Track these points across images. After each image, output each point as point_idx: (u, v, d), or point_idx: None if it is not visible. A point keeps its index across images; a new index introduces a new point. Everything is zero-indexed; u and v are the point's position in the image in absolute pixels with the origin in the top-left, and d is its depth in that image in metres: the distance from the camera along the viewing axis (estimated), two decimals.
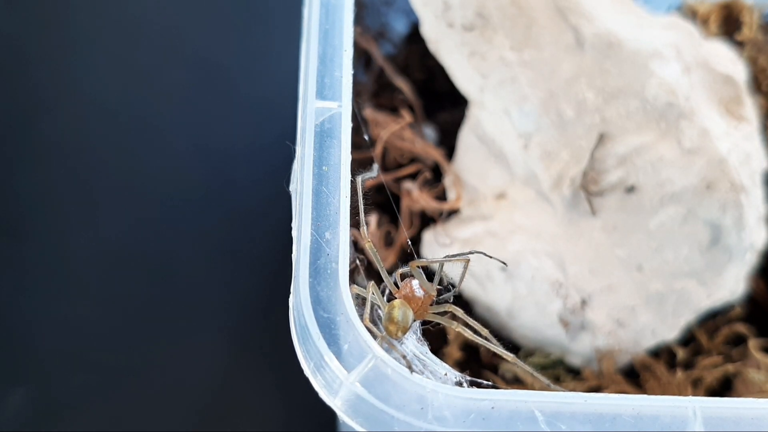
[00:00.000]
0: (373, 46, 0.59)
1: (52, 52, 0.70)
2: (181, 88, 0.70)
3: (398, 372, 0.35)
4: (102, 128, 0.68)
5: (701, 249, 0.51)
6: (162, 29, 0.73)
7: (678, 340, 0.53)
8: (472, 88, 0.53)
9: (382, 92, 0.59)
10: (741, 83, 0.54)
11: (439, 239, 0.52)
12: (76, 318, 0.61)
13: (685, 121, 0.51)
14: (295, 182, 0.40)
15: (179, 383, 0.60)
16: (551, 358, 0.52)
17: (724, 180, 0.50)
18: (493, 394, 0.35)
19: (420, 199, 0.53)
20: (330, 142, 0.40)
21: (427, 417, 0.34)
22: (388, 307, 0.39)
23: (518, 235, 0.52)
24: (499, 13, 0.52)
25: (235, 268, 0.64)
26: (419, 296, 0.40)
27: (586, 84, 0.51)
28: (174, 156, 0.68)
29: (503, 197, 0.53)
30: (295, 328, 0.36)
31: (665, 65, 0.52)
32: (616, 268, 0.51)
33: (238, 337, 0.62)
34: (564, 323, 0.51)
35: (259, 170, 0.67)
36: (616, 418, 0.35)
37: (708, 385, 0.52)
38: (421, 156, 0.55)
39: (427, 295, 0.40)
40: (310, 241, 0.37)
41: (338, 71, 0.42)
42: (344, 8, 0.44)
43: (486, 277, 0.51)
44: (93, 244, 0.63)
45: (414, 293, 0.40)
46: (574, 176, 0.50)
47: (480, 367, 0.51)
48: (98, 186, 0.66)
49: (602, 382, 0.51)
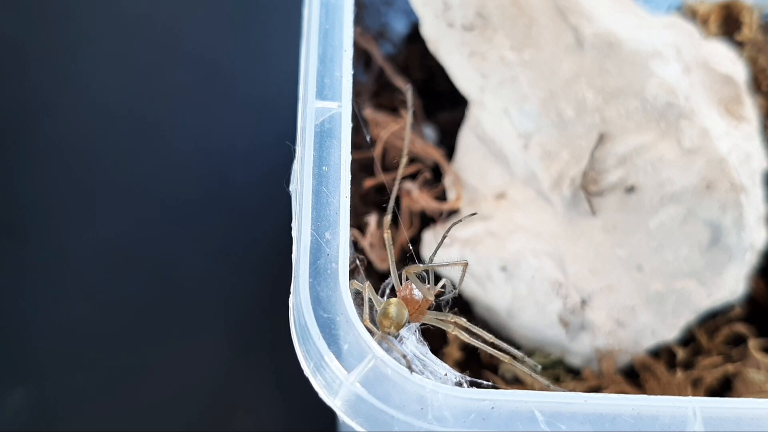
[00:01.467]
0: (373, 46, 0.59)
1: (52, 52, 0.70)
2: (181, 88, 0.70)
3: (398, 372, 0.35)
4: (102, 128, 0.68)
5: (701, 249, 0.51)
6: (162, 29, 0.73)
7: (678, 340, 0.53)
8: (472, 88, 0.53)
9: (382, 92, 0.59)
10: (741, 83, 0.54)
11: (439, 239, 0.52)
12: (76, 318, 0.61)
13: (685, 121, 0.51)
14: (295, 182, 0.40)
15: (179, 383, 0.60)
16: (551, 358, 0.52)
17: (724, 180, 0.50)
18: (493, 394, 0.35)
19: (420, 199, 0.53)
20: (330, 142, 0.40)
21: (427, 417, 0.34)
22: (384, 303, 0.39)
23: (518, 235, 0.52)
24: (499, 13, 0.52)
25: (235, 268, 0.64)
26: (417, 299, 0.40)
27: (586, 84, 0.51)
28: (174, 156, 0.68)
29: (503, 197, 0.53)
30: (295, 328, 0.36)
31: (665, 65, 0.52)
32: (616, 268, 0.51)
33: (238, 337, 0.62)
34: (564, 323, 0.51)
35: (259, 170, 0.67)
36: (616, 418, 0.35)
37: (708, 385, 0.52)
38: (421, 156, 0.55)
39: (425, 300, 0.40)
40: (310, 241, 0.37)
41: (338, 71, 0.42)
42: (344, 8, 0.44)
43: (486, 277, 0.51)
44: (93, 244, 0.63)
45: (413, 296, 0.40)
46: (574, 176, 0.50)
47: (480, 367, 0.51)
48: (98, 186, 0.66)
49: (602, 382, 0.51)
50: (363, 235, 0.51)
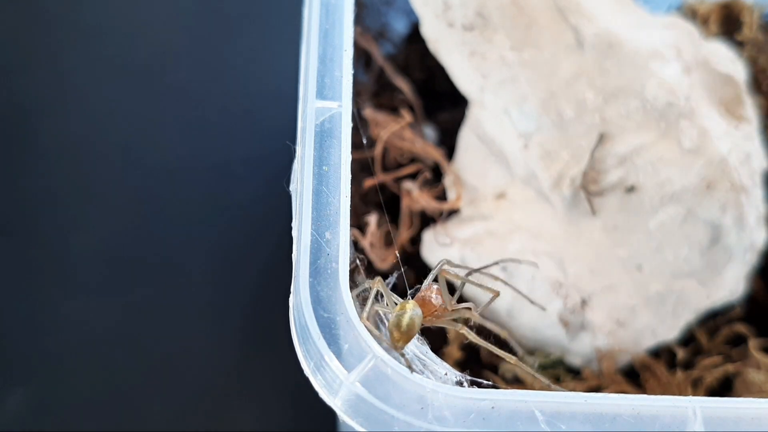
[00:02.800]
0: (373, 46, 0.59)
1: (52, 52, 0.70)
2: (181, 88, 0.70)
3: (398, 372, 0.35)
4: (102, 128, 0.68)
5: (701, 249, 0.51)
6: (162, 29, 0.73)
7: (678, 340, 0.53)
8: (472, 88, 0.53)
9: (382, 92, 0.59)
10: (741, 83, 0.54)
11: (439, 239, 0.52)
12: (76, 318, 0.61)
13: (685, 121, 0.51)
14: (295, 182, 0.40)
15: (179, 383, 0.60)
16: (551, 358, 0.52)
17: (724, 180, 0.50)
18: (493, 394, 0.35)
19: (420, 199, 0.53)
20: (330, 142, 0.40)
21: (427, 417, 0.34)
22: (399, 307, 0.38)
23: (518, 235, 0.51)
24: (499, 13, 0.52)
25: (236, 268, 0.64)
26: (436, 305, 0.39)
27: (586, 84, 0.51)
28: (174, 156, 0.68)
29: (503, 197, 0.53)
30: (295, 328, 0.36)
31: (665, 65, 0.52)
32: (616, 268, 0.51)
33: (238, 337, 0.62)
34: (564, 323, 0.51)
35: (259, 170, 0.67)
36: (616, 418, 0.35)
37: (708, 385, 0.52)
38: (421, 156, 0.55)
39: (443, 308, 0.39)
40: (310, 241, 0.37)
41: (338, 71, 0.42)
42: (344, 8, 0.44)
43: (486, 277, 0.51)
44: (93, 243, 0.63)
45: (431, 300, 0.39)
46: (574, 176, 0.50)
47: (480, 367, 0.51)
48: (98, 186, 0.66)
49: (602, 382, 0.51)
50: (363, 235, 0.51)
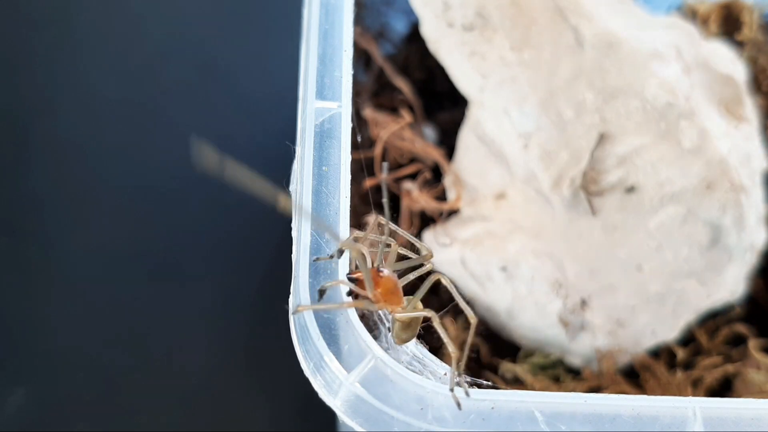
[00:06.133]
0: (373, 46, 0.59)
1: (52, 52, 0.70)
2: (181, 88, 0.70)
3: (398, 372, 0.35)
4: (102, 128, 0.68)
5: (701, 249, 0.51)
6: (162, 29, 0.73)
7: (678, 340, 0.53)
8: (472, 88, 0.53)
9: (382, 92, 0.59)
10: (741, 83, 0.54)
11: (439, 239, 0.52)
12: (75, 318, 0.61)
13: (685, 121, 0.51)
14: (295, 182, 0.40)
15: (179, 383, 0.60)
16: (551, 358, 0.52)
17: (724, 180, 0.50)
18: (493, 394, 0.35)
19: (420, 199, 0.53)
20: (330, 142, 0.40)
21: (427, 417, 0.34)
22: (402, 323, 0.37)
23: (518, 235, 0.51)
24: (498, 13, 0.52)
25: (236, 268, 0.64)
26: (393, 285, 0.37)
27: (586, 84, 0.51)
28: (174, 156, 0.68)
29: (503, 197, 0.53)
30: (295, 328, 0.36)
31: (665, 65, 0.52)
32: (616, 268, 0.51)
33: (238, 337, 0.62)
34: (564, 323, 0.51)
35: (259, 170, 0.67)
36: (616, 418, 0.35)
37: (708, 386, 0.52)
38: (421, 156, 0.55)
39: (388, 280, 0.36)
40: (310, 241, 0.37)
41: (338, 71, 0.42)
42: (344, 8, 0.44)
43: (486, 278, 0.51)
44: (93, 243, 0.63)
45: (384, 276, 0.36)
46: (574, 176, 0.50)
47: (480, 367, 0.51)
48: (98, 186, 0.66)
49: (602, 382, 0.51)
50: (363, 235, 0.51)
